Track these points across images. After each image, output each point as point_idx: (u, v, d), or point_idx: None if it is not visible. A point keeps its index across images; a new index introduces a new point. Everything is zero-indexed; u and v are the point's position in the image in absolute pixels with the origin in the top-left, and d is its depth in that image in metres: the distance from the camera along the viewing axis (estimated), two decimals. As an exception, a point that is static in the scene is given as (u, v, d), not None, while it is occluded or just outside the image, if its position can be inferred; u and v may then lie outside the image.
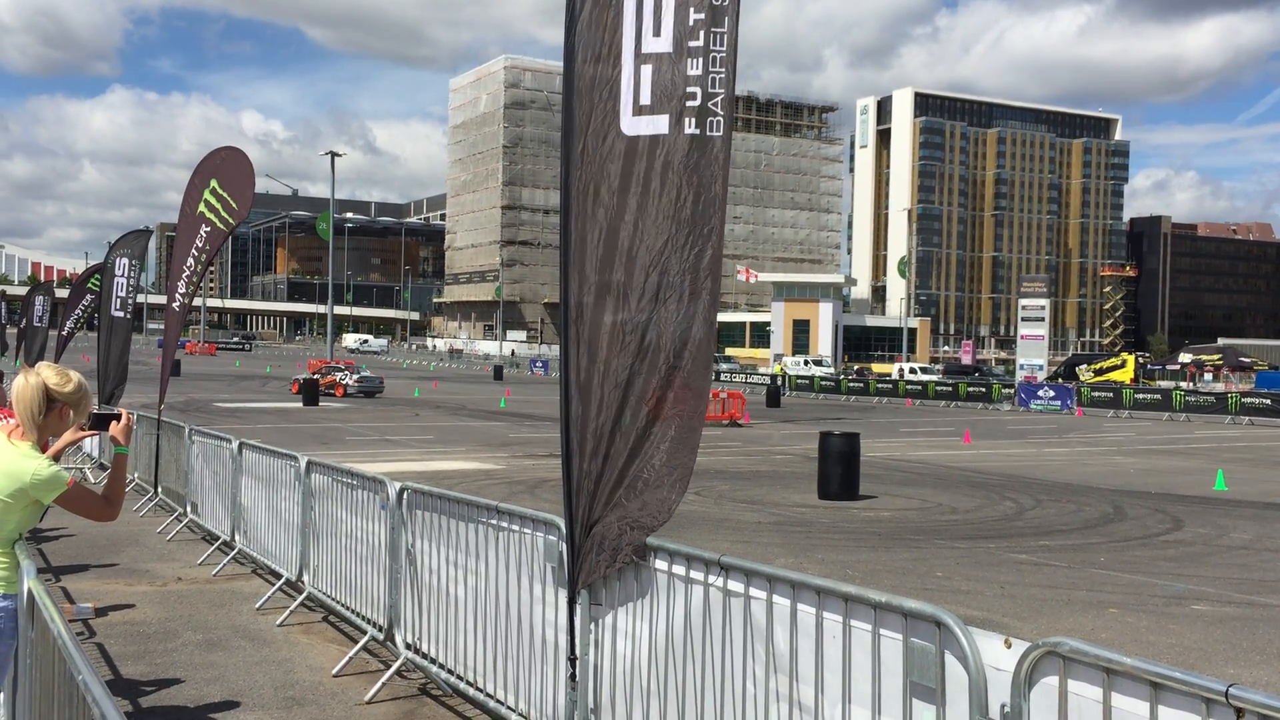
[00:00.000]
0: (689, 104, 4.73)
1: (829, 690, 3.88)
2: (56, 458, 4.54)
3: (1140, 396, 49.10)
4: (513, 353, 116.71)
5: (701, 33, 4.71)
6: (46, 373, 4.40)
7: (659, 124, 4.79)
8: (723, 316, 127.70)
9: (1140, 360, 74.71)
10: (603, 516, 4.89)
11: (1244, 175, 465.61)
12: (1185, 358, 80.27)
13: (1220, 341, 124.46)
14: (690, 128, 4.72)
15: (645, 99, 4.82)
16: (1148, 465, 24.52)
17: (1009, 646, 3.25)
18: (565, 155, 5.00)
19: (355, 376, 47.28)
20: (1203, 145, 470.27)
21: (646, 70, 4.81)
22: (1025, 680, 3.15)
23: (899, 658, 3.58)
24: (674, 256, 4.75)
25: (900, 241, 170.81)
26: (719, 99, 4.70)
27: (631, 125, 4.85)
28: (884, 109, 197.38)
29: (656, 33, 4.79)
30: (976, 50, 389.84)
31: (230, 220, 12.89)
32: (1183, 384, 64.48)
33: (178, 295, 13.79)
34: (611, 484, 4.86)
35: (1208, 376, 73.50)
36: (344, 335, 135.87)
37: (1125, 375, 66.40)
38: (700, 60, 4.71)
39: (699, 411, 4.79)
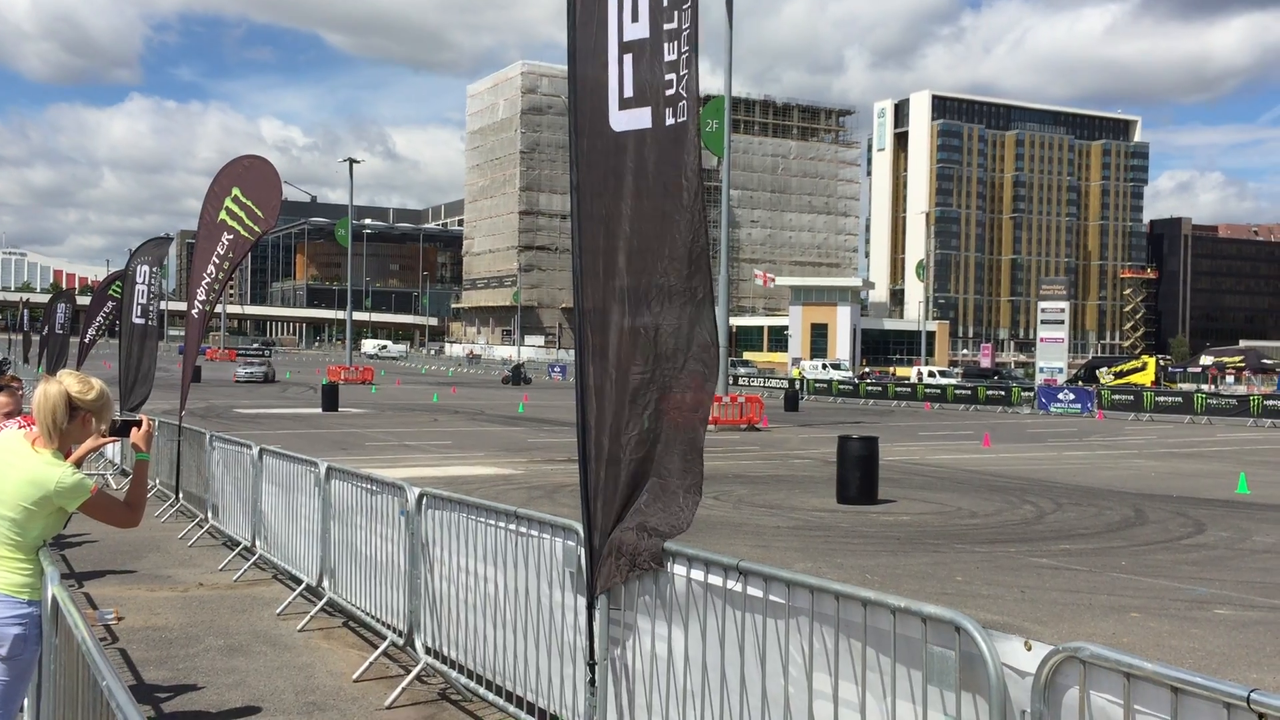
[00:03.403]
0: (667, 92, 4.53)
1: (847, 695, 3.87)
2: (78, 464, 4.57)
3: (1161, 399, 48.80)
4: (514, 357, 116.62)
5: (675, 12, 4.48)
6: (68, 380, 4.43)
7: (642, 117, 4.64)
8: (740, 320, 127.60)
9: (1161, 363, 74.25)
10: (620, 522, 4.87)
11: (1269, 176, 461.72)
12: (1206, 360, 79.81)
13: (1242, 344, 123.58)
14: (670, 118, 4.55)
15: (629, 91, 4.68)
16: (1169, 468, 24.37)
17: (1029, 649, 3.24)
18: (572, 157, 4.98)
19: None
20: (1227, 145, 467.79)
21: (628, 60, 4.67)
22: (1046, 685, 3.14)
23: (919, 663, 3.57)
24: (667, 256, 4.58)
25: (918, 245, 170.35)
26: (685, 80, 4.47)
27: (617, 120, 4.75)
28: (901, 112, 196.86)
29: (635, 18, 4.64)
30: (999, 50, 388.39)
31: (255, 229, 12.93)
32: (1204, 386, 64.15)
33: (198, 302, 13.86)
34: (628, 490, 4.83)
35: (1229, 379, 73.06)
36: (362, 341, 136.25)
37: (1146, 378, 66.01)
38: (675, 43, 4.49)
39: (704, 416, 4.69)
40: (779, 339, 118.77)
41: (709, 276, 4.56)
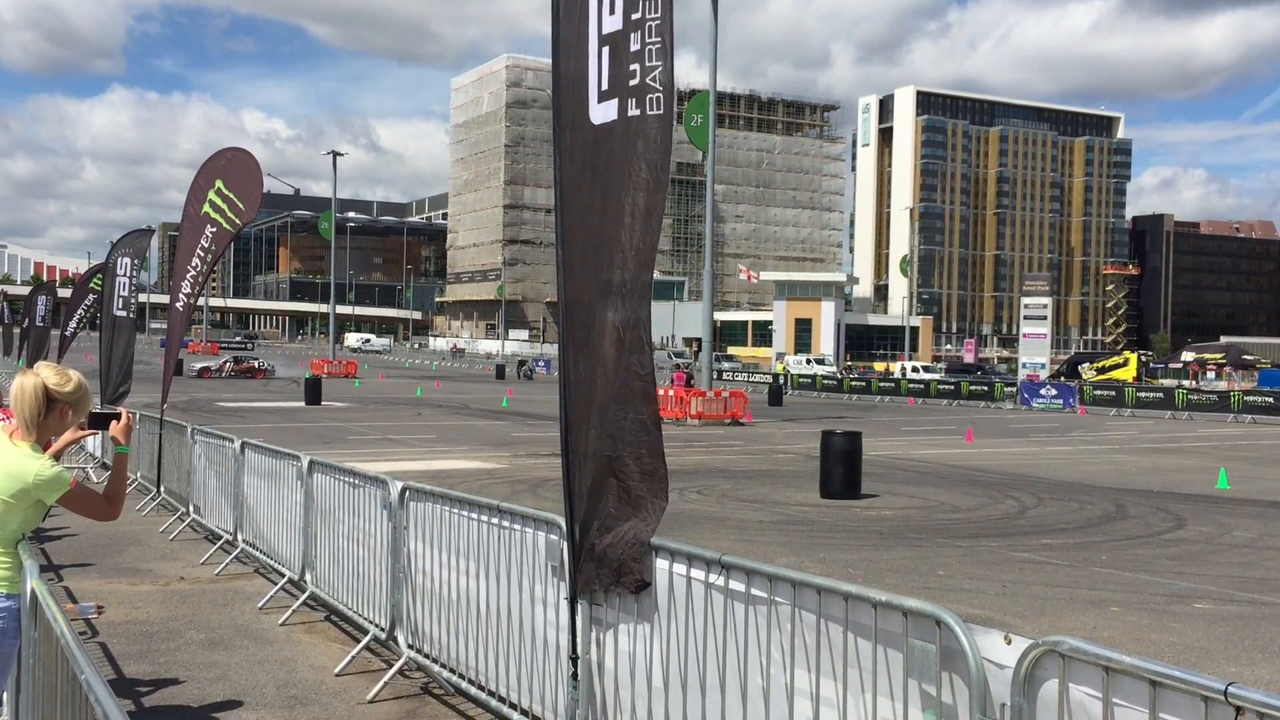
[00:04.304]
0: (631, 83, 4.53)
1: (828, 689, 3.88)
2: (57, 457, 4.54)
3: (1143, 395, 49.02)
4: (499, 352, 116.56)
5: (642, 1, 4.47)
6: (46, 373, 4.41)
7: (611, 110, 4.66)
8: (724, 315, 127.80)
9: (1143, 358, 74.62)
10: (595, 522, 4.85)
11: (1251, 173, 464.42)
12: (1188, 356, 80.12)
13: (1223, 340, 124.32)
14: (633, 108, 4.54)
15: (605, 84, 4.69)
16: (1150, 464, 24.50)
17: (1009, 643, 3.25)
18: (556, 151, 4.98)
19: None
20: (1210, 142, 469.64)
21: (606, 53, 4.68)
22: (1025, 679, 3.16)
23: (899, 656, 3.59)
24: (621, 250, 4.58)
25: (902, 240, 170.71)
26: (656, 72, 4.45)
27: (596, 113, 4.75)
28: (886, 107, 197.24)
29: (612, 10, 4.64)
30: (985, 46, 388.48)
31: (237, 221, 12.89)
32: (1185, 382, 64.41)
33: (181, 295, 13.80)
34: (597, 487, 4.81)
35: (1210, 375, 73.40)
36: (346, 335, 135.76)
37: (1128, 374, 66.32)
38: (639, 33, 4.47)
39: (653, 414, 4.66)
40: (763, 334, 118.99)
41: (650, 273, 4.57)
